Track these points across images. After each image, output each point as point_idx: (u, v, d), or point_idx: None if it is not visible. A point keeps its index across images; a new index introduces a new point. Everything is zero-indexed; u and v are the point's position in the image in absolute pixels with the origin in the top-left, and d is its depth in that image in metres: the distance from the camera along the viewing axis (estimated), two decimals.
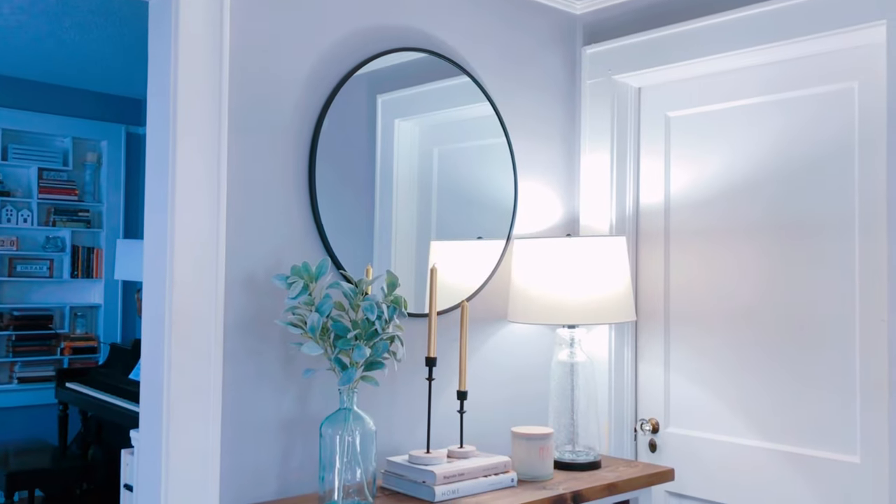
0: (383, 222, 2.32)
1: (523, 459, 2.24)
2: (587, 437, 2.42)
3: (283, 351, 2.06)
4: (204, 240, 1.92)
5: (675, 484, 2.57)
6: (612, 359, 2.67)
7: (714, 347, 2.51)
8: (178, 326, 1.89)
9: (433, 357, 2.14)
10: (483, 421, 2.50)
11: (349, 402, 1.94)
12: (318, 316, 1.88)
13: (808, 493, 2.28)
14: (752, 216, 2.44)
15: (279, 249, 2.07)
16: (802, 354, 2.31)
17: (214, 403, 1.93)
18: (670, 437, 2.61)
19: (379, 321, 1.93)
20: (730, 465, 2.45)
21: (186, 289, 1.90)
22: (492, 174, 2.55)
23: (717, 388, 2.50)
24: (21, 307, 5.66)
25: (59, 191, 5.79)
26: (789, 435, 2.33)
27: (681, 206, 2.61)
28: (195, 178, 1.92)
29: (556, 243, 2.39)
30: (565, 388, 2.44)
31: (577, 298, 2.34)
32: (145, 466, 1.95)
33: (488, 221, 2.54)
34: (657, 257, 2.66)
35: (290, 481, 2.07)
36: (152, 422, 1.93)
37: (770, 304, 2.39)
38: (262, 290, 2.03)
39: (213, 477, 1.93)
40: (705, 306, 2.54)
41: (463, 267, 2.47)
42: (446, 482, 2.02)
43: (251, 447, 2.01)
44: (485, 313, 2.53)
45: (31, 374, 5.66)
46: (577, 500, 2.14)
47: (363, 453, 1.92)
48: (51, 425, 5.67)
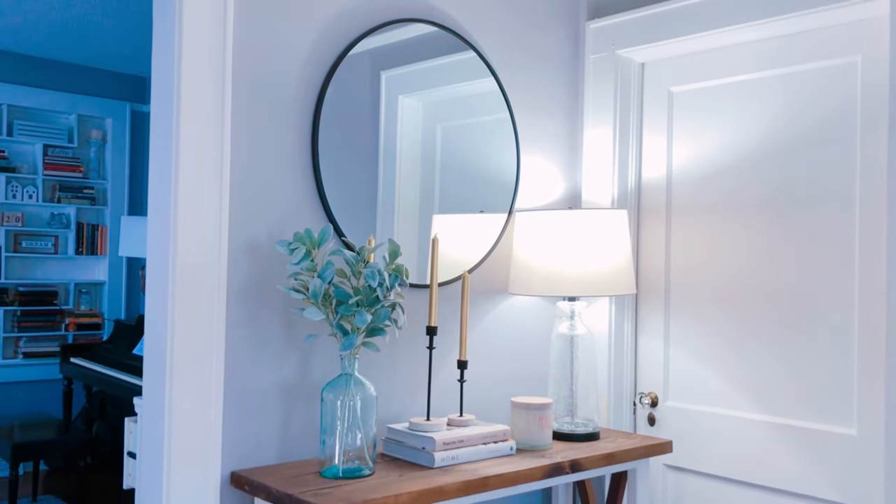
0: (386, 196, 2.33)
1: (522, 429, 2.26)
2: (586, 409, 2.44)
3: (286, 317, 2.08)
4: (207, 207, 1.94)
5: (673, 457, 2.59)
6: (612, 332, 2.69)
7: (714, 322, 2.53)
8: (182, 293, 1.91)
9: (434, 326, 2.16)
10: (483, 392, 2.52)
11: (350, 368, 1.96)
12: (321, 282, 1.89)
13: (805, 465, 2.30)
14: (753, 191, 2.45)
15: (282, 217, 2.08)
16: (801, 328, 2.33)
17: (217, 369, 1.96)
18: (669, 410, 2.63)
19: (381, 288, 1.95)
20: (728, 438, 2.47)
21: (190, 256, 1.91)
22: (495, 150, 2.56)
23: (717, 362, 2.52)
24: (26, 283, 5.70)
25: (64, 167, 5.81)
26: (787, 408, 2.35)
27: (682, 182, 2.62)
28: (199, 146, 1.93)
29: (557, 215, 2.40)
30: (565, 360, 2.45)
31: (578, 270, 2.35)
32: (148, 431, 1.98)
33: (491, 196, 2.56)
34: (658, 232, 2.67)
35: (291, 446, 2.09)
36: (155, 387, 1.95)
37: (770, 279, 2.40)
38: (264, 257, 2.04)
39: (214, 442, 1.95)
40: (705, 281, 2.55)
41: (464, 240, 2.49)
42: (445, 448, 2.04)
43: (253, 412, 2.03)
44: (486, 286, 2.54)
45: (36, 349, 5.70)
46: (575, 469, 2.16)
47: (363, 418, 1.94)
48: (55, 400, 5.72)
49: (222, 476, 1.96)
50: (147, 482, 1.97)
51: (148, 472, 1.97)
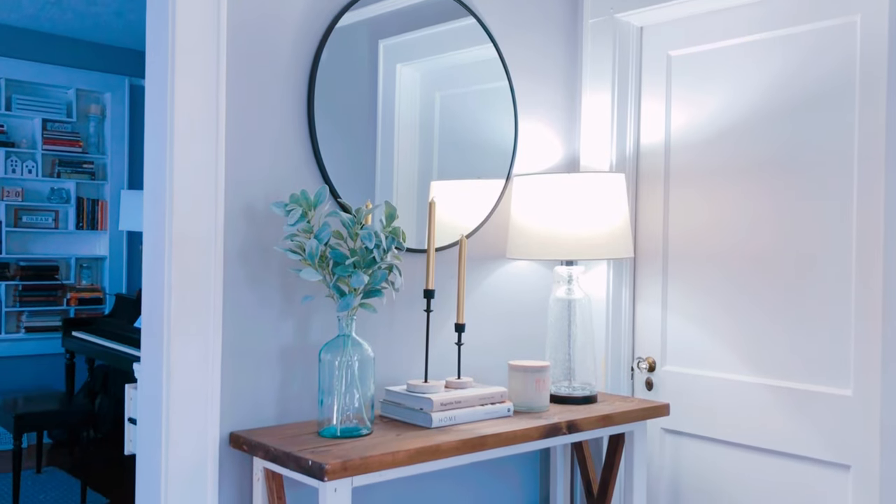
0: (384, 163, 2.32)
1: (520, 391, 2.27)
2: (584, 373, 2.45)
3: (283, 279, 2.09)
4: (203, 170, 1.94)
5: (671, 421, 2.61)
6: (610, 298, 2.69)
7: (711, 286, 2.53)
8: (178, 255, 1.91)
9: (431, 289, 2.16)
10: (481, 357, 2.53)
11: (348, 329, 1.97)
12: (317, 243, 1.90)
13: (801, 426, 2.31)
14: (750, 155, 2.44)
15: (278, 180, 2.08)
16: (798, 291, 2.33)
17: (214, 331, 1.96)
18: (667, 375, 2.64)
19: (377, 250, 1.95)
20: (725, 401, 2.48)
21: (186, 218, 1.91)
22: (493, 118, 2.55)
23: (714, 325, 2.52)
24: (27, 258, 5.71)
25: (63, 142, 5.80)
26: (784, 370, 2.36)
27: (681, 146, 2.61)
28: (194, 108, 1.92)
29: (555, 179, 2.40)
30: (562, 324, 2.46)
31: (576, 234, 2.36)
32: (146, 394, 1.99)
33: (489, 164, 2.55)
34: (656, 197, 2.67)
35: (290, 408, 2.11)
36: (153, 350, 1.96)
37: (767, 242, 2.40)
38: (261, 219, 2.04)
39: (213, 403, 1.96)
40: (703, 245, 2.55)
41: (462, 206, 2.49)
42: (443, 409, 2.05)
43: (251, 374, 2.04)
44: (483, 251, 2.55)
45: (38, 323, 5.72)
46: (572, 430, 2.17)
47: (361, 378, 1.95)
48: (58, 374, 5.75)
49: (221, 437, 1.97)
50: (146, 445, 1.99)
51: (147, 435, 1.98)
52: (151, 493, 1.95)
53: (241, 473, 2.01)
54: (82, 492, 4.27)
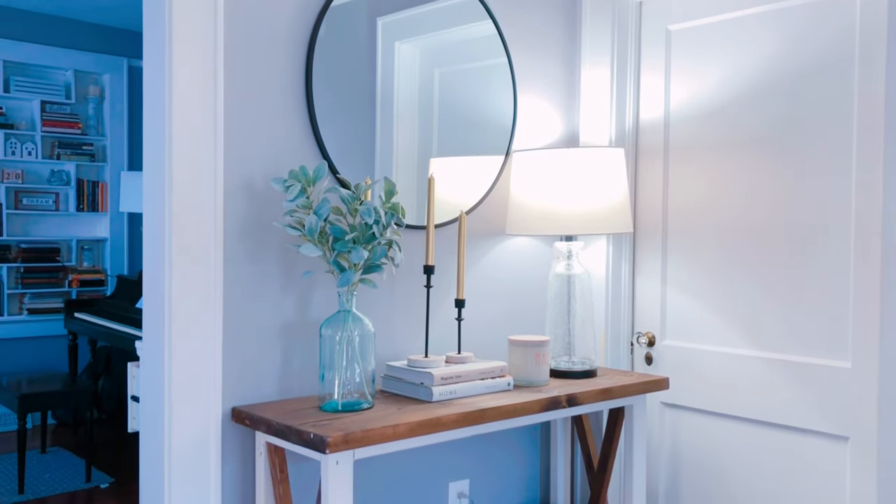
0: (384, 142, 2.32)
1: (520, 366, 2.28)
2: (584, 348, 2.46)
3: (283, 256, 2.09)
4: (202, 145, 1.94)
5: (670, 395, 2.62)
6: (610, 273, 2.70)
7: (710, 260, 2.53)
8: (179, 231, 1.92)
9: (431, 265, 2.17)
10: (481, 333, 2.54)
11: (348, 304, 1.97)
12: (316, 218, 1.90)
13: (800, 399, 2.33)
14: (749, 129, 2.44)
15: (277, 157, 2.08)
16: (797, 264, 2.34)
17: (216, 307, 1.97)
18: (666, 349, 2.65)
19: (377, 226, 1.96)
20: (724, 375, 2.49)
21: (186, 195, 1.92)
22: (493, 95, 2.55)
23: (713, 300, 2.53)
24: (28, 240, 5.71)
25: (62, 124, 5.79)
26: (783, 343, 2.37)
27: (680, 121, 2.61)
28: (192, 85, 1.92)
29: (554, 154, 2.40)
30: (562, 300, 2.47)
31: (575, 209, 2.36)
32: (149, 371, 2.00)
33: (489, 140, 2.55)
34: (656, 172, 2.67)
35: (291, 384, 2.12)
36: (155, 327, 1.97)
37: (767, 216, 2.40)
38: (260, 196, 2.05)
39: (215, 379, 1.98)
40: (702, 220, 2.55)
41: (462, 183, 2.49)
42: (444, 383, 2.06)
43: (252, 350, 2.05)
44: (483, 228, 2.55)
45: (41, 305, 5.74)
46: (572, 403, 2.19)
47: (362, 353, 1.96)
48: (61, 356, 5.77)
49: (223, 412, 1.99)
50: (149, 421, 2.00)
51: (150, 411, 2.00)
52: (155, 469, 1.97)
53: (244, 448, 2.03)
54: (87, 470, 4.30)
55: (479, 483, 2.56)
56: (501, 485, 2.62)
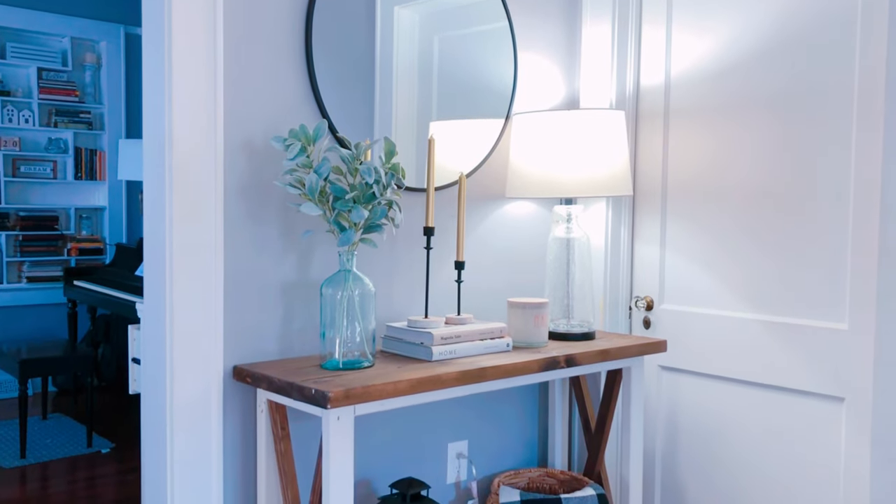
0: (383, 107, 2.31)
1: (519, 327, 2.29)
2: (582, 311, 2.48)
3: (283, 216, 2.10)
4: (202, 103, 1.93)
5: (669, 358, 2.64)
6: (609, 238, 2.71)
7: (709, 224, 2.54)
8: (179, 189, 1.92)
9: (431, 226, 2.18)
10: (480, 296, 2.55)
11: (349, 264, 1.98)
12: (317, 177, 1.90)
13: (797, 360, 2.34)
14: (749, 92, 2.43)
15: (277, 116, 2.08)
16: (796, 227, 2.34)
17: (216, 266, 1.98)
18: (664, 313, 2.66)
19: (377, 186, 1.96)
20: (722, 338, 2.51)
21: (186, 153, 1.91)
22: (492, 60, 2.54)
23: (712, 263, 2.54)
24: (26, 208, 5.71)
25: (59, 91, 5.76)
26: (781, 306, 2.39)
27: (681, 84, 2.60)
28: (191, 43, 1.91)
29: (554, 116, 2.40)
30: (561, 263, 2.48)
31: (575, 172, 2.36)
32: (150, 329, 2.00)
33: (489, 105, 2.54)
34: (656, 136, 2.66)
35: (292, 344, 2.13)
36: (156, 286, 1.97)
37: (765, 179, 2.40)
38: (260, 155, 2.05)
39: (216, 337, 1.99)
40: (702, 184, 2.56)
41: (461, 146, 2.48)
42: (443, 343, 2.08)
43: (253, 309, 2.06)
44: (482, 192, 2.55)
45: (40, 273, 5.75)
46: (570, 363, 2.20)
47: (363, 312, 1.97)
48: (60, 324, 5.79)
49: (224, 370, 2.00)
50: (151, 381, 2.01)
51: (152, 371, 2.01)
52: (157, 429, 1.99)
53: (245, 406, 2.05)
54: (88, 436, 4.33)
55: (477, 444, 2.59)
56: (500, 446, 2.65)
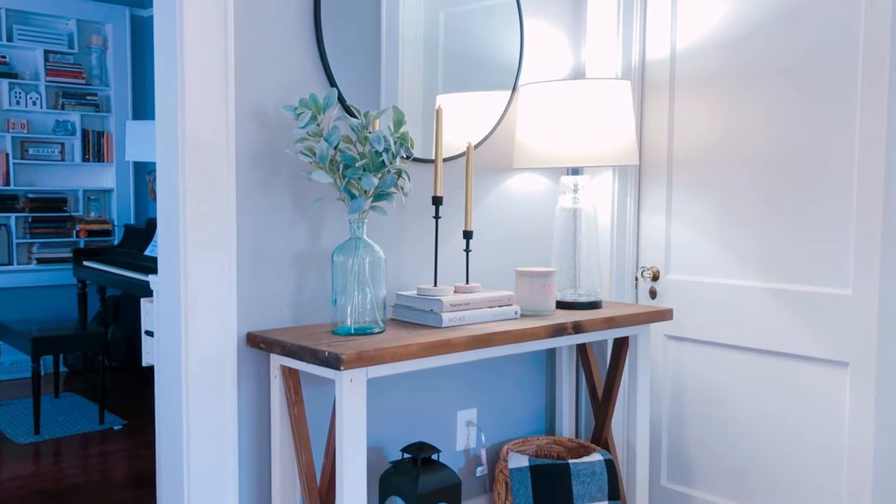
0: (389, 82, 2.33)
1: (526, 296, 2.33)
2: (589, 281, 2.50)
3: (294, 185, 2.13)
4: (213, 73, 1.96)
5: (675, 327, 2.67)
6: (615, 208, 2.73)
7: (715, 193, 2.56)
8: (192, 158, 1.94)
9: (440, 195, 2.20)
10: (488, 267, 2.58)
11: (359, 232, 2.01)
12: (327, 145, 1.93)
13: (801, 326, 2.37)
14: (754, 61, 2.44)
15: (287, 86, 2.10)
16: (800, 194, 2.37)
17: (229, 234, 2.01)
18: (670, 283, 2.69)
19: (386, 154, 1.99)
20: (727, 306, 2.54)
21: (198, 122, 1.94)
22: (499, 34, 2.55)
23: (717, 233, 2.56)
24: (35, 190, 5.74)
25: (66, 73, 5.78)
26: (785, 273, 2.41)
27: (686, 54, 2.62)
28: (202, 14, 1.93)
29: (560, 86, 2.42)
30: (568, 233, 2.51)
31: (581, 142, 2.38)
32: (165, 296, 2.03)
33: (495, 79, 2.56)
34: (662, 106, 2.68)
35: (304, 311, 2.17)
36: (171, 255, 2.00)
37: (770, 148, 2.42)
38: (271, 125, 2.07)
39: (230, 305, 2.02)
40: (707, 153, 2.58)
41: (468, 118, 2.50)
42: (453, 310, 2.11)
43: (266, 278, 2.10)
44: (490, 163, 2.58)
45: (49, 255, 5.79)
46: (578, 330, 2.23)
47: (373, 279, 2.00)
48: (70, 305, 5.84)
49: (238, 337, 2.04)
50: (166, 348, 2.05)
51: (166, 339, 2.04)
52: (172, 396, 2.02)
53: (259, 372, 2.08)
54: (100, 413, 4.39)
55: (486, 412, 2.63)
56: (508, 415, 2.69)
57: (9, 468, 3.68)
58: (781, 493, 2.45)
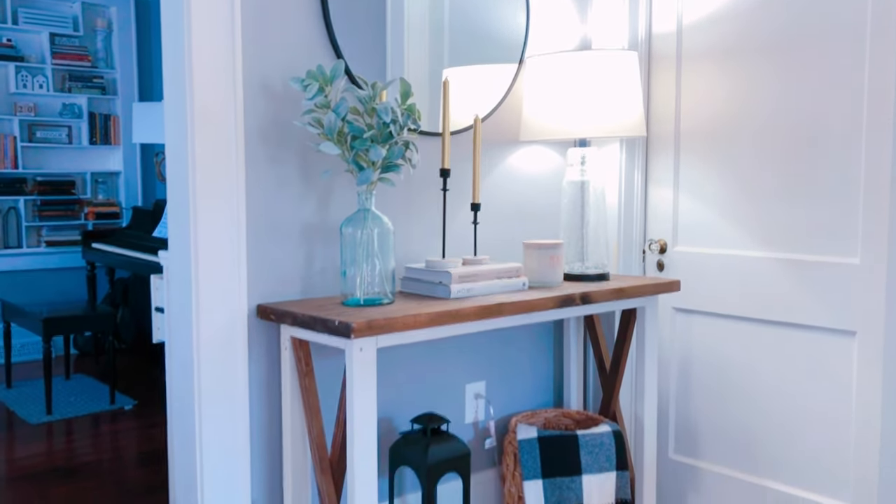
0: (395, 57, 2.33)
1: (534, 269, 2.33)
2: (597, 254, 2.51)
3: (302, 158, 2.13)
4: (221, 46, 1.96)
5: (682, 299, 2.68)
6: (622, 181, 2.73)
7: (722, 165, 2.56)
8: (201, 132, 1.95)
9: (447, 168, 2.21)
10: (496, 241, 2.59)
11: (367, 203, 2.02)
12: (335, 116, 1.94)
13: (809, 296, 2.38)
14: (761, 31, 2.44)
15: (294, 58, 2.10)
16: (808, 163, 2.36)
17: (239, 207, 2.02)
18: (678, 256, 2.70)
19: (394, 125, 1.99)
20: (735, 277, 2.54)
21: (206, 96, 1.94)
22: (504, 7, 2.53)
23: (725, 203, 2.56)
24: (43, 173, 5.77)
25: (71, 56, 5.78)
26: (793, 243, 2.41)
27: (693, 26, 2.61)
28: None
29: (567, 58, 2.41)
30: (575, 206, 2.51)
31: (589, 113, 2.38)
32: (175, 270, 2.05)
33: (502, 52, 2.55)
34: (669, 78, 2.68)
35: (314, 284, 2.18)
36: (181, 228, 2.01)
37: (779, 118, 2.42)
38: (279, 97, 2.08)
39: (240, 277, 2.03)
40: (715, 125, 2.57)
41: (475, 93, 2.50)
42: (461, 281, 2.12)
43: (275, 251, 2.11)
44: (497, 137, 2.58)
45: (58, 237, 5.82)
46: (586, 301, 2.24)
47: (382, 251, 2.01)
48: (79, 288, 5.88)
49: (249, 309, 2.05)
50: (177, 324, 2.06)
51: (177, 312, 2.05)
52: (184, 369, 2.04)
53: (270, 344, 2.10)
54: (111, 394, 4.42)
55: (494, 385, 2.64)
56: (516, 388, 2.70)
57: (22, 447, 3.72)
58: (788, 464, 2.46)
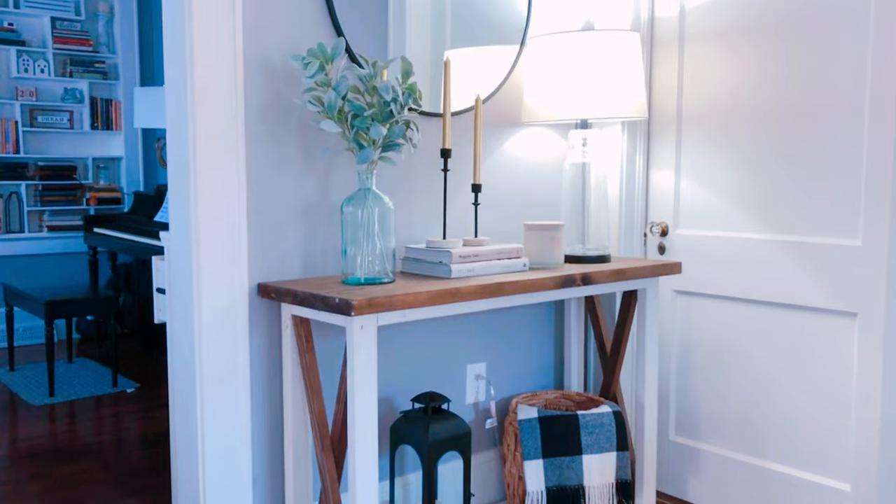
0: (396, 38, 2.32)
1: (535, 250, 2.33)
2: (598, 236, 2.51)
3: (302, 137, 2.13)
4: (221, 23, 1.95)
5: (683, 282, 2.68)
6: (624, 164, 2.73)
7: (724, 148, 2.56)
8: (202, 110, 1.95)
9: (448, 148, 2.21)
10: (496, 223, 2.59)
11: (368, 182, 2.02)
12: (335, 94, 1.93)
13: (810, 278, 2.38)
14: (763, 14, 2.43)
15: (294, 36, 2.10)
16: (809, 145, 2.36)
17: (239, 187, 2.02)
18: (679, 238, 2.69)
19: (395, 104, 1.98)
20: (736, 260, 2.54)
21: (207, 74, 1.94)
22: None
23: (726, 186, 2.56)
24: (45, 158, 5.76)
25: (73, 41, 5.77)
26: (794, 225, 2.41)
27: (695, 8, 2.60)
28: None
29: (569, 38, 2.41)
30: (577, 189, 2.51)
31: (590, 94, 2.37)
32: (176, 249, 2.05)
33: (503, 34, 2.54)
34: (671, 61, 2.67)
35: (314, 263, 2.18)
36: (181, 207, 2.01)
37: (779, 99, 2.41)
38: (279, 75, 2.08)
39: (240, 256, 2.03)
40: (716, 108, 2.57)
41: (476, 74, 2.49)
42: (462, 261, 2.12)
43: (276, 230, 2.11)
44: (498, 119, 2.57)
45: (60, 222, 5.82)
46: (586, 281, 2.24)
47: (382, 230, 2.01)
48: (81, 272, 5.88)
49: (250, 287, 2.06)
50: (178, 303, 2.06)
51: (179, 291, 2.06)
52: (185, 348, 2.04)
53: (271, 322, 2.10)
54: (113, 377, 4.44)
55: (495, 367, 2.65)
56: (517, 369, 2.71)
57: (25, 428, 3.74)
58: (789, 445, 2.47)
